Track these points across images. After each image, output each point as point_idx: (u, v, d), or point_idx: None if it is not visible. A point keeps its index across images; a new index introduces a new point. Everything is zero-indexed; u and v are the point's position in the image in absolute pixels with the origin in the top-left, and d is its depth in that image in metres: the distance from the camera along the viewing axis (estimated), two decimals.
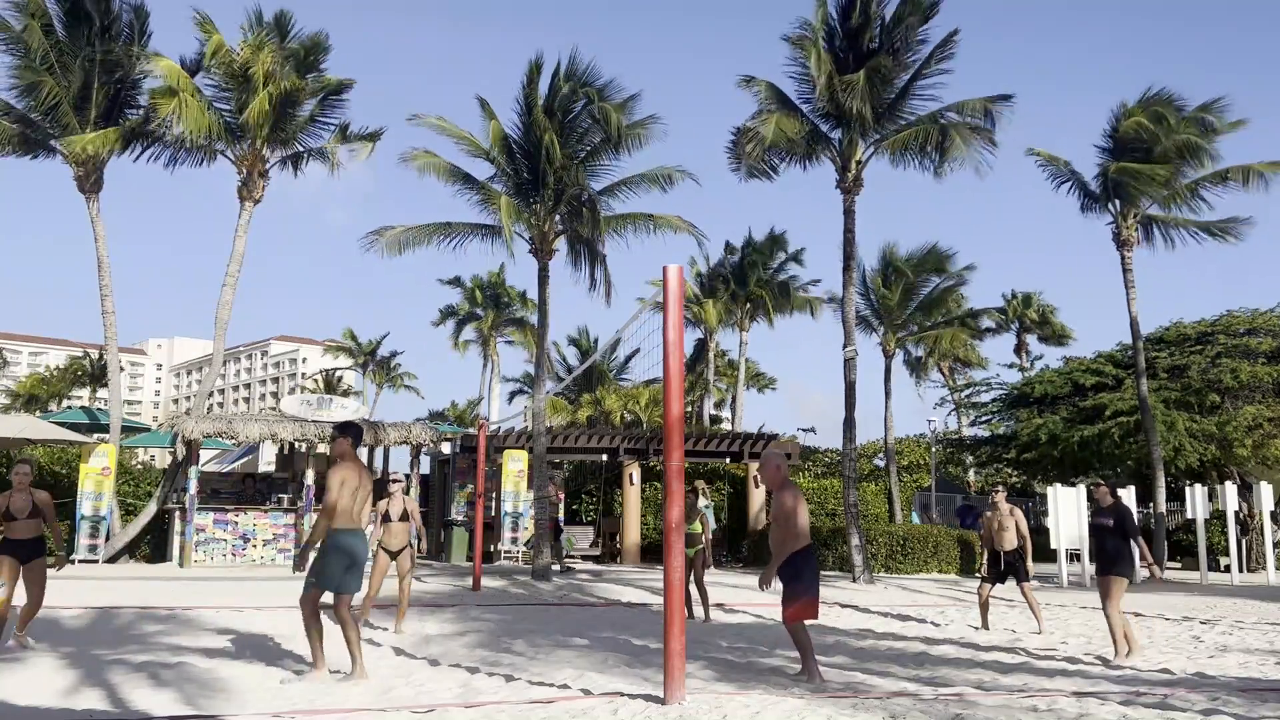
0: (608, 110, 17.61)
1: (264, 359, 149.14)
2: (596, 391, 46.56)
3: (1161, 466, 22.10)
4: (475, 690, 6.98)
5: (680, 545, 6.80)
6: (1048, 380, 28.54)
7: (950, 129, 18.24)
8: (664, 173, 18.97)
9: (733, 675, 7.88)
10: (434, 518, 22.36)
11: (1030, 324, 49.82)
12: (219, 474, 25.50)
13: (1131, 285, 22.56)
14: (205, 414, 19.86)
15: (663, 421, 7.36)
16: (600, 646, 9.37)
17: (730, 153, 19.70)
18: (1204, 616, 13.07)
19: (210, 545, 18.14)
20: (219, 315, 19.68)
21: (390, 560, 10.20)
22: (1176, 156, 21.71)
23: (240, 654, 8.48)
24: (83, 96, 19.28)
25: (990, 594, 11.66)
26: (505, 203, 17.68)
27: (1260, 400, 24.14)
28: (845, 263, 19.24)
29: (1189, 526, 22.79)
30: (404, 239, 18.57)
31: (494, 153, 18.49)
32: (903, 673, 8.17)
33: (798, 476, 25.19)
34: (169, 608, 11.56)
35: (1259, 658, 9.33)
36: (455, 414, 68.56)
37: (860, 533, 18.00)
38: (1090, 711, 6.51)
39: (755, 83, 18.91)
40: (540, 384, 18.96)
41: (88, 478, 17.75)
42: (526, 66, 18.10)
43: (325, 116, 20.93)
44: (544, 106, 18.05)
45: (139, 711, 6.25)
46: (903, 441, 43.42)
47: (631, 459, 22.12)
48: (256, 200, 20.16)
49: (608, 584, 16.31)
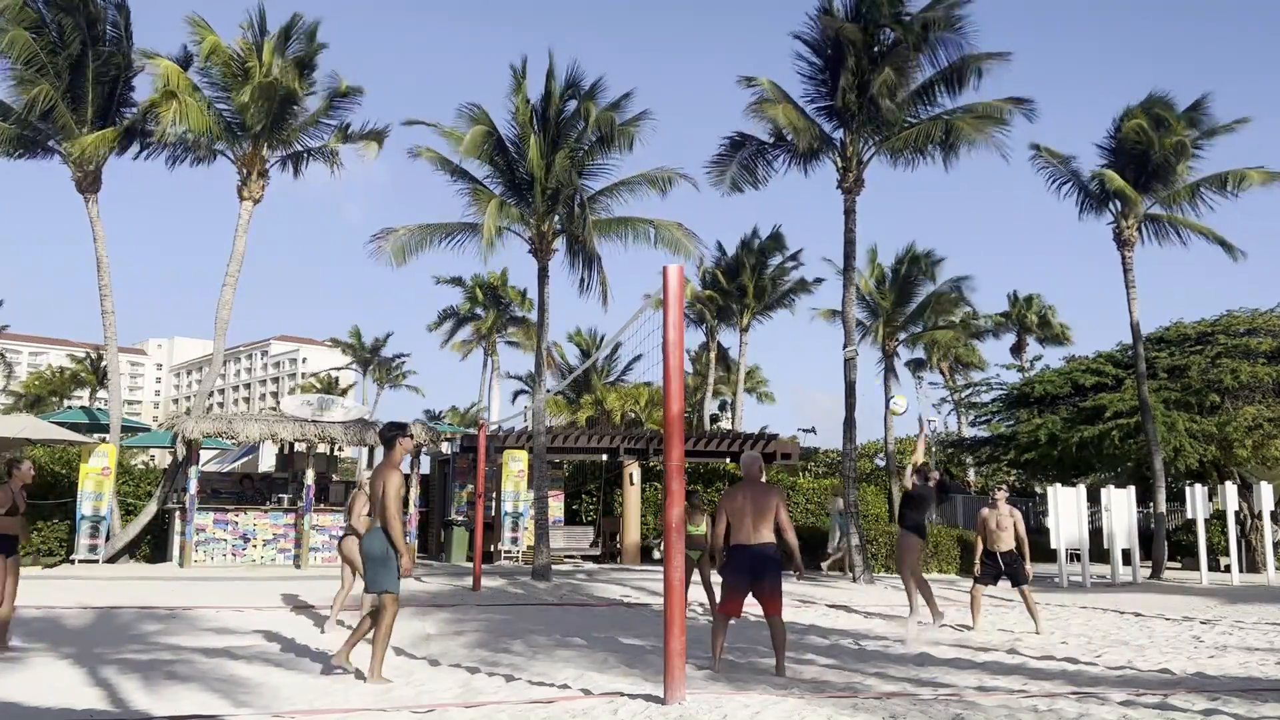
0: (594, 109, 17.61)
1: (264, 359, 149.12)
2: (597, 391, 46.57)
3: (1162, 467, 22.09)
4: (475, 690, 6.98)
5: (680, 545, 6.80)
6: (1048, 380, 28.53)
7: (955, 124, 18.25)
8: (663, 175, 18.95)
9: (733, 675, 7.87)
10: (434, 518, 22.37)
11: (1030, 325, 49.86)
12: (219, 474, 25.51)
13: (1132, 285, 22.56)
14: (205, 414, 19.87)
15: (663, 420, 7.36)
16: (600, 646, 9.37)
17: (715, 166, 19.65)
18: (1204, 616, 13.06)
19: (210, 545, 18.14)
20: (219, 315, 19.68)
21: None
22: (1175, 159, 21.73)
23: (240, 654, 8.48)
24: (76, 97, 19.27)
25: (982, 594, 11.60)
26: (493, 204, 17.61)
27: (1260, 400, 24.12)
28: (846, 263, 19.26)
29: (1189, 526, 22.79)
30: (408, 244, 18.49)
31: (486, 153, 18.38)
32: (902, 673, 8.16)
33: (798, 477, 25.16)
34: (169, 608, 11.56)
35: (1259, 658, 9.33)
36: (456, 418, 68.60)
37: (860, 533, 18.00)
38: (1090, 711, 6.51)
39: (757, 81, 18.90)
40: (540, 384, 18.97)
41: (88, 478, 17.75)
42: (518, 65, 18.12)
43: (328, 119, 20.93)
44: (536, 106, 18.06)
45: (139, 711, 6.25)
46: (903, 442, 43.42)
47: (631, 459, 22.12)
48: (256, 200, 20.15)
49: (608, 584, 16.30)
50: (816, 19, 18.69)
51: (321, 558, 18.69)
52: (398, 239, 18.49)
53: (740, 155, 19.84)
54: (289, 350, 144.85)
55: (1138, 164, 22.27)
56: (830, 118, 19.35)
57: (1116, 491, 20.19)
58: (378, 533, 7.17)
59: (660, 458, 20.57)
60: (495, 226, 17.44)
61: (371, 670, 7.17)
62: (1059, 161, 23.23)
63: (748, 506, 8.01)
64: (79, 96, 19.31)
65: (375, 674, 7.15)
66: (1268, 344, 25.26)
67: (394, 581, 7.16)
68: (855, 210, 19.06)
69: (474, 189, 18.64)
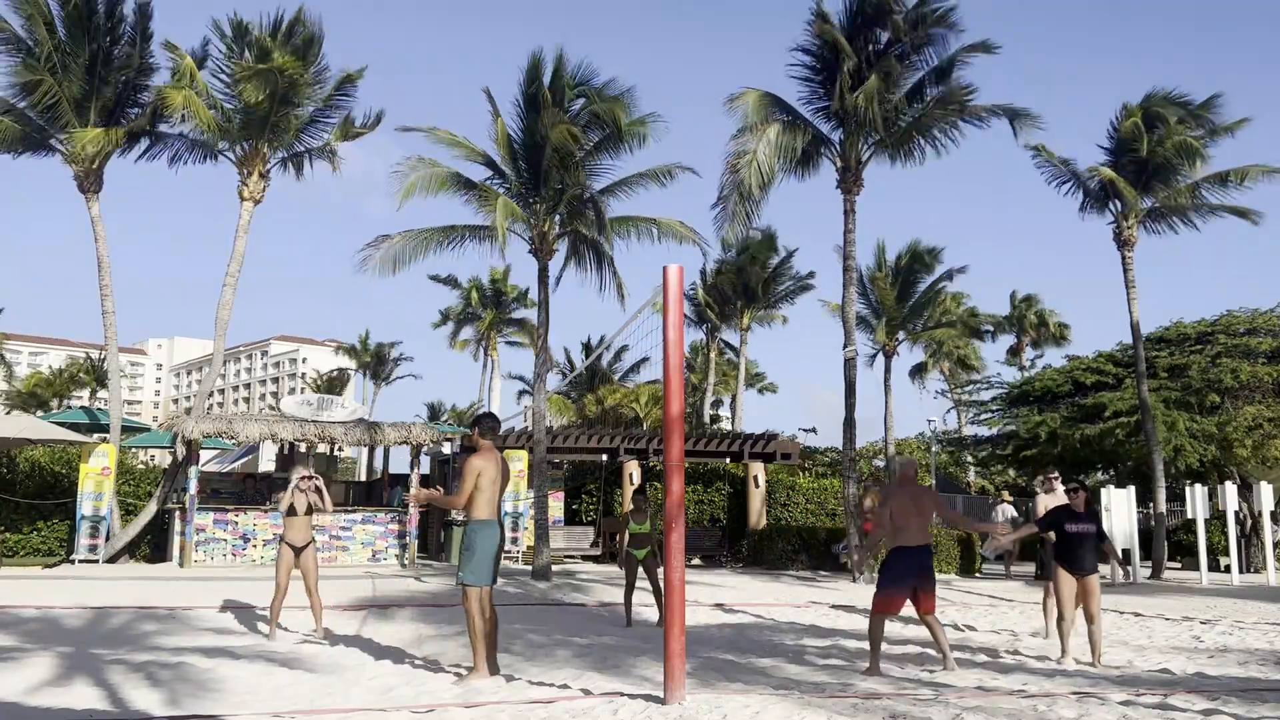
0: (611, 108, 17.49)
1: (264, 359, 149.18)
2: (599, 391, 46.57)
3: (1162, 467, 22.09)
4: (475, 690, 6.97)
5: (680, 544, 6.80)
6: (1048, 378, 28.58)
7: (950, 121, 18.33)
8: (664, 169, 18.90)
9: (733, 675, 7.87)
10: (434, 518, 22.37)
11: (1030, 325, 49.91)
12: (219, 474, 25.51)
13: (1132, 285, 22.54)
14: (205, 414, 19.86)
15: (662, 419, 7.37)
16: (600, 646, 9.37)
17: (716, 225, 19.16)
18: (1204, 616, 13.06)
19: (210, 545, 18.14)
20: (219, 315, 19.68)
21: (295, 556, 9.54)
22: (1175, 158, 21.72)
23: (240, 654, 8.48)
24: (83, 96, 19.27)
25: (1049, 592, 10.62)
26: (501, 204, 17.51)
27: (1260, 400, 24.12)
28: (845, 263, 19.26)
29: (1189, 527, 22.79)
30: (402, 252, 18.23)
31: (494, 153, 18.35)
32: (902, 673, 8.16)
33: (798, 476, 25.14)
34: (169, 608, 11.56)
35: (1259, 658, 9.33)
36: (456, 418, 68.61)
37: (860, 532, 17.98)
38: (1090, 711, 6.51)
39: (743, 97, 18.58)
40: (541, 384, 18.96)
41: (88, 478, 17.74)
42: (526, 63, 18.02)
43: (328, 117, 20.90)
44: (543, 104, 17.99)
45: (139, 711, 6.25)
46: (904, 442, 43.47)
47: (631, 458, 22.12)
48: (257, 201, 20.13)
49: (608, 584, 16.30)
50: (812, 24, 18.69)
51: (321, 558, 18.62)
52: (391, 247, 18.22)
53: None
54: (289, 350, 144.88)
55: (1138, 163, 22.25)
56: (828, 118, 19.35)
57: (1116, 491, 20.19)
58: (471, 525, 7.24)
59: (660, 458, 20.57)
60: (505, 227, 17.27)
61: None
62: (1060, 163, 23.20)
63: (911, 509, 8.19)
64: (85, 96, 19.29)
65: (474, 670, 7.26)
66: (1268, 344, 25.26)
67: (471, 574, 7.14)
68: (854, 210, 19.06)
69: (478, 190, 18.57)
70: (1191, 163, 21.60)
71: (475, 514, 7.24)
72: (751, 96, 18.72)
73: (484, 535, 7.23)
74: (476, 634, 7.19)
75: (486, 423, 7.62)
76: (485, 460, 7.29)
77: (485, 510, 7.24)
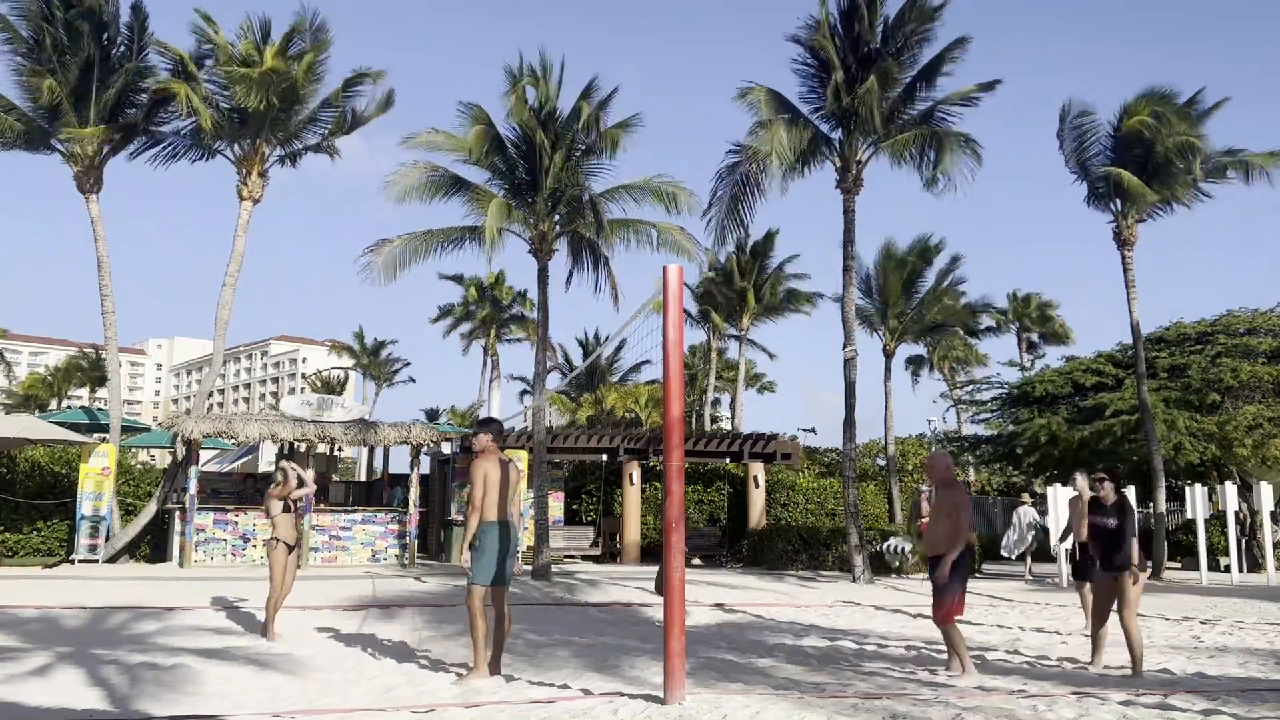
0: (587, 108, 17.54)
1: (264, 359, 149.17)
2: (598, 391, 46.58)
3: (1161, 467, 22.08)
4: (475, 690, 6.97)
5: (680, 544, 6.80)
6: (1048, 380, 28.54)
7: (944, 138, 18.31)
8: (669, 189, 18.76)
9: (733, 675, 7.87)
10: (434, 518, 22.36)
11: (1030, 324, 49.86)
12: (219, 474, 25.50)
13: (1132, 285, 22.50)
14: (205, 414, 19.86)
15: (662, 421, 7.36)
16: (600, 646, 9.37)
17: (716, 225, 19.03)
18: (1204, 616, 13.06)
19: (210, 545, 18.14)
20: (219, 315, 19.67)
21: (289, 554, 9.68)
22: (1176, 155, 21.68)
23: (240, 654, 8.48)
24: (82, 95, 19.26)
25: (1085, 592, 10.54)
26: (494, 204, 17.46)
27: (1260, 400, 24.12)
28: (845, 262, 19.24)
29: (1189, 526, 22.78)
30: (402, 255, 18.18)
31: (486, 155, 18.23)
32: (902, 673, 8.16)
33: (798, 476, 25.12)
34: (169, 608, 11.55)
35: (1259, 658, 9.33)
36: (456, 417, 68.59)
37: (860, 532, 17.99)
38: (1090, 711, 6.51)
39: (752, 93, 18.67)
40: (540, 384, 18.95)
41: (88, 478, 17.73)
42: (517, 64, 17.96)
43: (327, 116, 20.88)
44: (535, 106, 17.99)
45: (138, 711, 6.25)
46: (904, 442, 43.42)
47: (631, 459, 22.12)
48: (256, 200, 20.12)
49: (607, 584, 16.30)
50: (810, 30, 18.69)
51: (321, 558, 18.70)
52: (391, 251, 18.20)
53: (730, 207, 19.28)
54: (289, 350, 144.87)
55: (1139, 162, 22.20)
56: (828, 119, 19.33)
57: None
58: (483, 525, 7.36)
59: (660, 457, 20.56)
60: (497, 228, 17.26)
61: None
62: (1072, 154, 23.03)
63: (944, 507, 7.99)
64: (84, 95, 19.27)
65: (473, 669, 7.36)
66: (1268, 344, 25.25)
67: (474, 572, 7.30)
68: (854, 210, 19.04)
69: (475, 193, 18.57)
70: (1193, 160, 21.56)
71: (483, 515, 7.38)
72: (762, 92, 18.75)
73: (489, 535, 7.38)
74: (477, 633, 7.24)
75: (490, 427, 7.78)
76: (490, 463, 7.47)
77: (491, 511, 7.40)
